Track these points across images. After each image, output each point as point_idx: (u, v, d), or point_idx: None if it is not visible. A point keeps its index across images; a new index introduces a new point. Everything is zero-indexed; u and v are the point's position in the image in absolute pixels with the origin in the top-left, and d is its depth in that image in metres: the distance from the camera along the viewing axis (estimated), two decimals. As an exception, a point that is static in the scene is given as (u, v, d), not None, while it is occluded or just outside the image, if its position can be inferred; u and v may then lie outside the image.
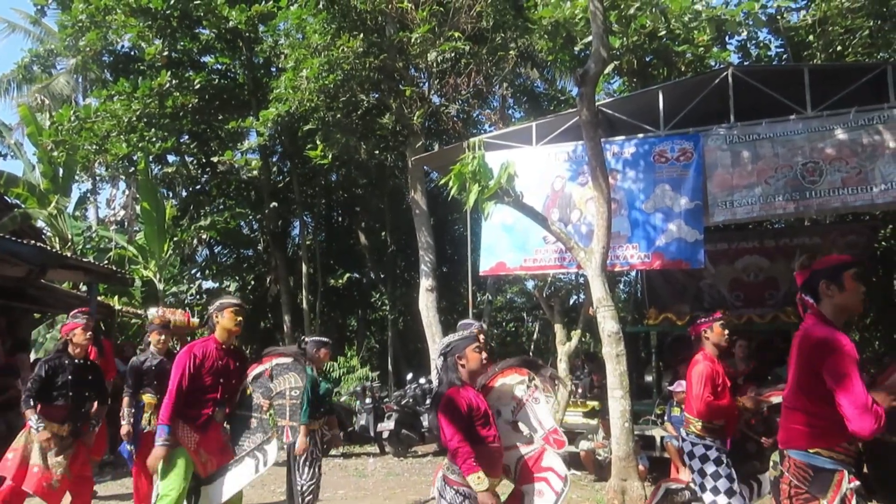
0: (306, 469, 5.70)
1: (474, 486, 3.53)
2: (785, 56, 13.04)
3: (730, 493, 4.74)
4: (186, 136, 16.56)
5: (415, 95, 12.33)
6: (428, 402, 10.34)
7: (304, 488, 5.67)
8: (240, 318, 4.72)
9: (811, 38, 12.41)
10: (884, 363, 8.29)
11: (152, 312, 7.60)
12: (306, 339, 6.71)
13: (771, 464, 3.15)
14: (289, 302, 16.59)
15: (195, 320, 7.73)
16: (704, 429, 4.91)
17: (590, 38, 8.60)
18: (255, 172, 17.10)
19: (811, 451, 2.90)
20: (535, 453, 4.12)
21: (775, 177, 8.23)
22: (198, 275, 19.93)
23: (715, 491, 4.78)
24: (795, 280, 3.20)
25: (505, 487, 4.06)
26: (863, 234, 11.45)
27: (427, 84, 13.11)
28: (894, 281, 15.30)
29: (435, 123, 15.08)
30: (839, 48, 12.28)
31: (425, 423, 10.80)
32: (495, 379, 4.18)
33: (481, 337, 5.41)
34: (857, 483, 2.88)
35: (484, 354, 3.88)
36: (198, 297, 19.90)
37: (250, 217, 18.93)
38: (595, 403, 9.72)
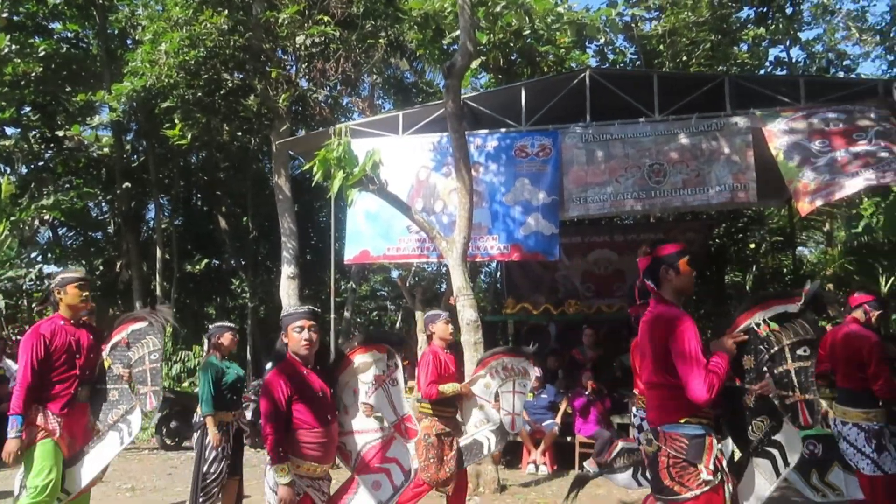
0: (214, 464, 5.43)
1: (277, 479, 3.33)
2: (638, 63, 13.88)
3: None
4: (28, 108, 15.33)
5: (281, 78, 12.03)
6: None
7: (208, 481, 5.41)
8: (85, 293, 4.42)
9: (661, 47, 13.31)
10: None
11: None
12: (209, 326, 6.27)
13: (645, 441, 3.33)
14: (140, 288, 15.75)
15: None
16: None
17: (458, 31, 8.77)
18: (106, 150, 16.08)
19: (682, 421, 3.13)
20: (383, 441, 3.83)
21: (625, 176, 8.77)
22: (38, 258, 18.46)
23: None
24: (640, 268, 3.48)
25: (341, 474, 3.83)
26: (700, 232, 12.46)
27: (294, 67, 12.83)
28: (725, 275, 16.67)
29: (302, 108, 14.79)
30: (685, 58, 13.26)
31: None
32: (353, 354, 3.84)
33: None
34: (721, 444, 3.21)
35: (308, 334, 3.54)
36: (38, 282, 18.46)
37: (100, 197, 17.75)
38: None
